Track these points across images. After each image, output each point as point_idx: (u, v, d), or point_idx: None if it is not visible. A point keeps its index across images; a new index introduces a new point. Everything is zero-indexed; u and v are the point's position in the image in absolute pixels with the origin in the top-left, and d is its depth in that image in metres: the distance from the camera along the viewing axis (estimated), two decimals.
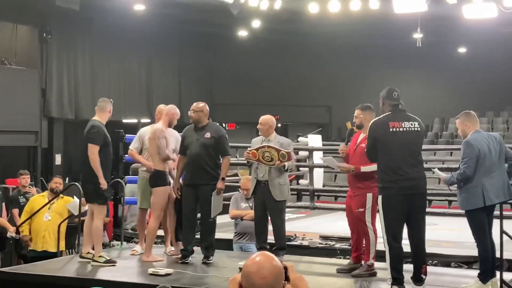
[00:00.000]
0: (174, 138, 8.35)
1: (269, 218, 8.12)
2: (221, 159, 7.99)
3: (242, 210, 9.17)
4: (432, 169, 7.35)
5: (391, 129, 6.62)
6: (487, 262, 6.71)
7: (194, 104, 8.10)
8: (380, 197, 6.66)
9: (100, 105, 8.15)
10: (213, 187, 7.84)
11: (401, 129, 6.63)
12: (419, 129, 6.77)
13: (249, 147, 8.16)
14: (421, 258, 6.73)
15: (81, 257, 8.04)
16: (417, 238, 6.70)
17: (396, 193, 6.50)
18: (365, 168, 7.22)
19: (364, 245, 7.42)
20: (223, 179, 7.92)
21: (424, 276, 6.69)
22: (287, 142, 8.16)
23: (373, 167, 7.06)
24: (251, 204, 8.98)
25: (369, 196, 7.25)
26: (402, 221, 6.59)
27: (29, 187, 10.43)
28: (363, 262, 7.41)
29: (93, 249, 7.95)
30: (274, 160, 7.84)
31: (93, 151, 7.67)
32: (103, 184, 7.71)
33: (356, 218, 7.38)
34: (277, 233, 8.08)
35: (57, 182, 9.51)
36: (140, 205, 8.61)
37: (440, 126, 21.93)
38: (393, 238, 6.55)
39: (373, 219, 7.32)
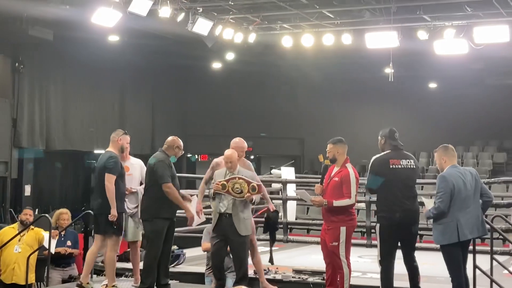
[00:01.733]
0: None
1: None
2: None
3: None
4: (423, 198, 7.52)
5: (391, 166, 7.27)
6: None
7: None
8: (378, 225, 7.31)
9: (111, 136, 8.18)
10: None
11: (399, 166, 7.31)
12: (414, 166, 7.43)
13: None
14: (416, 276, 7.40)
15: (80, 286, 7.96)
16: (411, 260, 7.34)
17: (392, 222, 7.14)
18: (337, 203, 7.29)
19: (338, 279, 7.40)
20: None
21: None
22: (251, 176, 8.07)
23: (346, 201, 7.25)
24: None
25: (343, 229, 7.32)
26: (396, 247, 7.27)
27: None
28: None
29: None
30: (244, 192, 7.78)
31: (111, 180, 7.75)
32: (113, 215, 7.70)
33: (330, 252, 7.37)
34: (241, 266, 7.96)
35: (27, 214, 9.36)
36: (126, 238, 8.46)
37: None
38: (387, 261, 7.22)
39: (347, 253, 7.36)
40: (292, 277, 8.97)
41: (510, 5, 13.48)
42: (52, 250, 8.99)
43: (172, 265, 9.61)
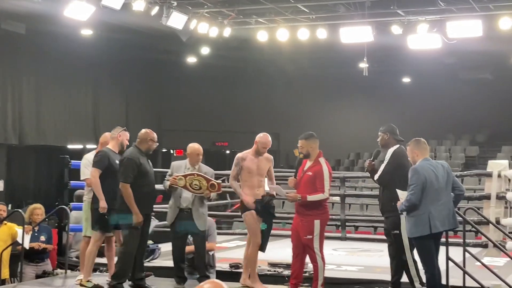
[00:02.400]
0: None
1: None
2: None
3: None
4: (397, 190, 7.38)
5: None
6: None
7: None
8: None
9: (110, 134, 8.22)
10: None
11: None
12: None
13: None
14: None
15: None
16: None
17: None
18: (311, 197, 7.31)
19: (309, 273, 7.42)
20: None
21: None
22: (211, 173, 8.12)
23: (319, 196, 7.27)
24: None
25: (317, 222, 7.32)
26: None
27: None
28: None
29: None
30: (203, 189, 7.79)
31: (94, 174, 7.82)
32: (102, 207, 7.73)
33: (305, 245, 7.39)
34: (201, 262, 8.01)
35: (0, 209, 9.27)
36: (84, 233, 8.43)
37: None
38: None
39: (321, 246, 7.36)
40: (268, 270, 8.98)
41: (483, 0, 13.61)
42: (26, 246, 8.92)
43: (147, 259, 9.59)
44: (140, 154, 7.82)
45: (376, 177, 7.50)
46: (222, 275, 8.52)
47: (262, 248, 7.86)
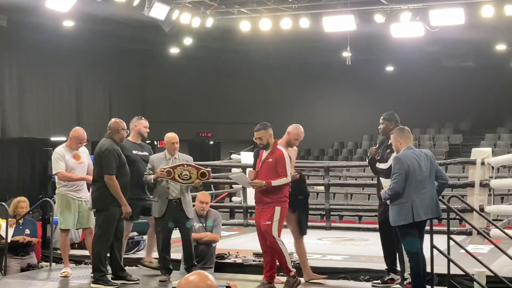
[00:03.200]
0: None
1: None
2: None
3: (196, 232, 8.64)
4: (381, 179, 7.33)
5: None
6: (419, 277, 6.81)
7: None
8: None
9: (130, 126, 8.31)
10: None
11: None
12: None
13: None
14: None
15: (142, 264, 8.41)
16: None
17: None
18: (275, 182, 7.27)
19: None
20: None
21: None
22: (191, 159, 8.11)
23: (283, 180, 7.26)
24: (204, 224, 8.80)
25: (277, 209, 7.27)
26: None
27: None
28: (286, 277, 7.33)
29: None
30: (192, 178, 7.76)
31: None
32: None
33: (264, 232, 7.30)
34: (189, 252, 7.96)
35: None
36: (60, 226, 8.34)
37: (369, 143, 22.30)
38: None
39: (279, 233, 7.29)
40: (253, 260, 9.01)
41: None
42: (9, 239, 8.87)
43: (132, 251, 9.58)
44: (116, 145, 7.73)
45: (385, 166, 7.40)
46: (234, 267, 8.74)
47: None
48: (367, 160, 7.85)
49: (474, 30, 16.15)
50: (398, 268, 7.56)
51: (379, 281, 7.70)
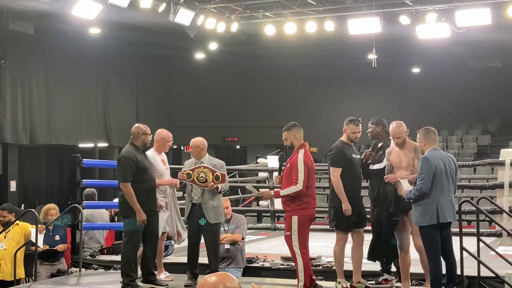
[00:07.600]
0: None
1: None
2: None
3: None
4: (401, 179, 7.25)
5: None
6: (438, 278, 6.73)
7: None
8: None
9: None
10: None
11: None
12: None
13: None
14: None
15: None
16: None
17: None
18: (284, 192, 6.99)
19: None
20: None
21: None
22: (220, 164, 7.99)
23: (292, 189, 6.91)
24: (226, 228, 8.84)
25: (295, 218, 6.94)
26: None
27: None
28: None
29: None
30: (208, 181, 7.73)
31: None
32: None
33: (286, 242, 7.07)
34: (213, 257, 7.82)
35: (0, 215, 9.22)
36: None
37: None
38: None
39: (301, 244, 6.94)
40: (281, 264, 8.99)
41: None
42: (40, 245, 8.95)
43: None
44: (137, 150, 7.69)
45: (380, 166, 7.37)
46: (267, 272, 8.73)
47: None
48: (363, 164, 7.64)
49: (501, 30, 15.98)
50: (394, 269, 7.53)
51: (373, 281, 7.63)
